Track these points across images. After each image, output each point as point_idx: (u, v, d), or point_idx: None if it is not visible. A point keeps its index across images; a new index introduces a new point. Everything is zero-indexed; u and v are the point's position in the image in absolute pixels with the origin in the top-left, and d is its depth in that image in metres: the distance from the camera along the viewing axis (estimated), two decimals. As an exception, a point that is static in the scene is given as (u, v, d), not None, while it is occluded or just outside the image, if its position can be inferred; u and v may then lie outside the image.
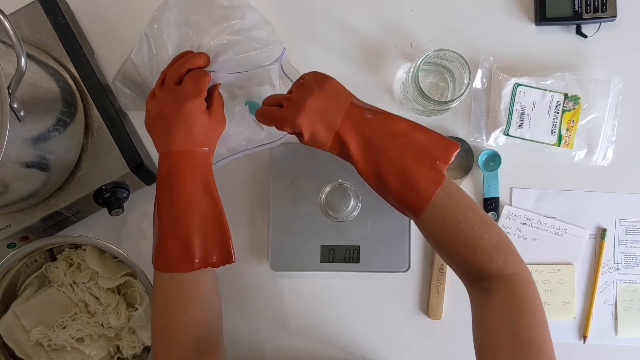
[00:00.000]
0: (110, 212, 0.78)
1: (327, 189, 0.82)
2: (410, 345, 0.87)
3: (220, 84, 0.72)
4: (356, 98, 0.69)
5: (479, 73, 0.86)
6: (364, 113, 0.67)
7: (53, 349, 0.81)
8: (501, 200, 0.87)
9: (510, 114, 0.85)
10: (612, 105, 0.85)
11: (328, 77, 0.68)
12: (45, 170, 0.73)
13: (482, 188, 0.87)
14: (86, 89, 0.79)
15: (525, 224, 0.87)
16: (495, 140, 0.86)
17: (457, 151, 0.66)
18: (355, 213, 0.83)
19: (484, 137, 0.86)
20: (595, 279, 0.87)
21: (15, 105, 0.61)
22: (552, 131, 0.85)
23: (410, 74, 0.79)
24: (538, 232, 0.87)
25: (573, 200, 0.87)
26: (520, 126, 0.85)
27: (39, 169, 0.72)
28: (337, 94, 0.67)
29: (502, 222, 0.87)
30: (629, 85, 0.86)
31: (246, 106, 0.76)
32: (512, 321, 0.62)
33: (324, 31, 0.87)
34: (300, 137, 0.68)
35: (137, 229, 0.87)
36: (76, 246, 0.83)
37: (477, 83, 0.86)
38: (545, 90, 0.85)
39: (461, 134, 0.87)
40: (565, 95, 0.85)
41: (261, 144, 0.78)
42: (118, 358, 0.83)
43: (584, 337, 0.87)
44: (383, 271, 0.85)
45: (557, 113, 0.85)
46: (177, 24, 0.74)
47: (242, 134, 0.76)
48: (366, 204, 0.83)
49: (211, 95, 0.70)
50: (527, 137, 0.85)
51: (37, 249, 0.80)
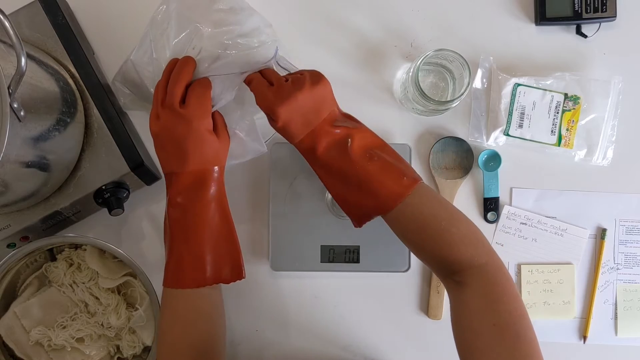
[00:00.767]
0: (110, 212, 0.78)
1: None
2: (410, 345, 0.87)
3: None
4: (339, 107, 0.72)
5: (479, 73, 0.86)
6: (343, 122, 0.70)
7: (53, 349, 0.81)
8: (501, 200, 0.87)
9: (510, 114, 0.85)
10: (612, 105, 0.85)
11: (324, 79, 0.70)
12: (45, 170, 0.73)
13: (482, 188, 0.87)
14: (86, 89, 0.79)
15: (525, 224, 0.87)
16: (495, 140, 0.86)
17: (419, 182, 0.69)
18: None
19: (484, 137, 0.86)
20: (595, 279, 0.87)
21: (15, 105, 0.61)
22: (552, 131, 0.85)
23: (410, 74, 0.79)
24: (538, 232, 0.87)
25: (573, 200, 0.87)
26: (520, 126, 0.85)
27: (39, 169, 0.72)
28: (325, 97, 0.69)
29: (502, 222, 0.87)
30: (629, 85, 0.86)
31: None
32: (488, 311, 0.62)
33: (324, 31, 0.87)
34: (273, 122, 0.69)
35: (137, 229, 0.87)
36: (76, 246, 0.83)
37: (477, 83, 0.86)
38: (545, 90, 0.85)
39: (461, 134, 0.87)
40: (565, 95, 0.85)
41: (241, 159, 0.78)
42: (118, 358, 0.83)
43: (584, 337, 0.87)
44: (383, 271, 0.85)
45: (557, 113, 0.85)
46: (177, 26, 0.73)
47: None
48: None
49: (213, 116, 0.70)
50: (527, 137, 0.85)
51: (37, 249, 0.80)
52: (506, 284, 0.64)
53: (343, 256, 0.84)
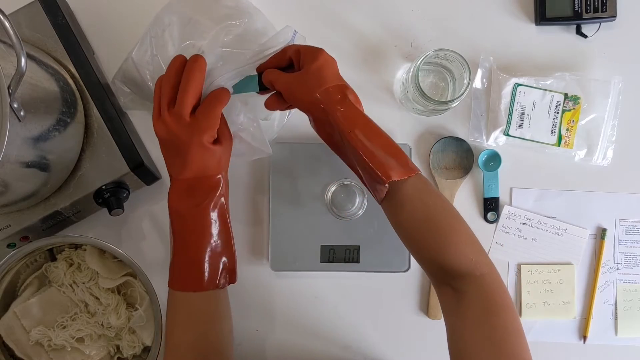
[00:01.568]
0: (110, 212, 0.78)
1: (333, 188, 0.82)
2: (410, 345, 0.87)
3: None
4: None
5: (479, 73, 0.86)
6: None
7: (53, 349, 0.81)
8: (501, 200, 0.87)
9: (510, 114, 0.85)
10: (612, 105, 0.85)
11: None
12: (45, 170, 0.73)
13: (482, 188, 0.87)
14: (86, 89, 0.78)
15: (525, 224, 0.87)
16: (495, 140, 0.86)
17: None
18: (361, 212, 0.83)
19: (484, 137, 0.86)
20: (595, 279, 0.87)
21: (15, 105, 0.61)
22: (552, 131, 0.85)
23: (410, 74, 0.79)
24: (538, 232, 0.87)
25: (573, 200, 0.87)
26: (520, 126, 0.85)
27: (39, 169, 0.72)
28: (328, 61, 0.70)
29: (502, 222, 0.87)
30: (629, 85, 0.86)
31: (233, 92, 0.72)
32: (485, 324, 0.60)
33: (324, 31, 0.87)
34: (310, 63, 0.68)
35: (137, 229, 0.87)
36: (76, 246, 0.83)
37: (477, 83, 0.86)
38: (545, 90, 0.85)
39: (461, 134, 0.87)
40: (565, 95, 0.85)
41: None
42: (118, 358, 0.83)
43: (584, 337, 0.87)
44: (383, 271, 0.85)
45: (557, 113, 0.85)
46: (180, 24, 0.73)
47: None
48: (369, 203, 0.83)
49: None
50: (527, 137, 0.85)
51: (37, 249, 0.80)
52: (505, 298, 0.62)
53: (343, 256, 0.84)
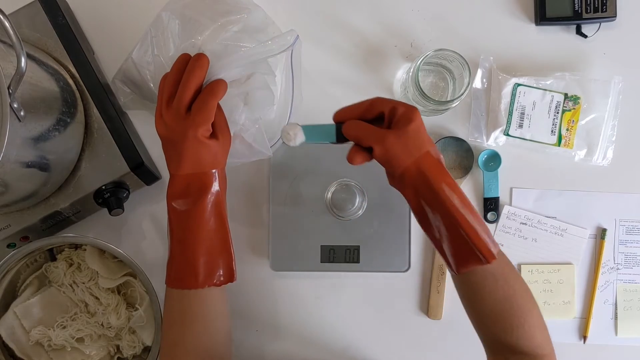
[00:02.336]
0: (110, 212, 0.78)
1: (333, 188, 0.82)
2: (410, 345, 0.87)
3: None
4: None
5: (479, 73, 0.86)
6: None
7: (53, 349, 0.81)
8: (501, 200, 0.87)
9: (510, 114, 0.85)
10: (612, 105, 0.85)
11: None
12: (45, 170, 0.73)
13: (482, 188, 0.87)
14: (86, 89, 0.79)
15: (525, 224, 0.87)
16: (495, 140, 0.86)
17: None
18: (361, 212, 0.83)
19: (484, 137, 0.86)
20: (595, 279, 0.87)
21: (15, 105, 0.61)
22: (552, 131, 0.85)
23: (410, 74, 0.79)
24: (538, 232, 0.87)
25: (573, 200, 0.87)
26: (520, 126, 0.85)
27: (39, 169, 0.72)
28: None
29: (502, 222, 0.87)
30: (629, 85, 0.86)
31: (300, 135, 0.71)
32: None
33: (324, 31, 0.87)
34: (406, 125, 0.66)
35: (137, 229, 0.87)
36: (76, 246, 0.83)
37: (477, 83, 0.86)
38: (545, 90, 0.85)
39: (461, 134, 0.87)
40: (565, 95, 0.85)
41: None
42: (118, 358, 0.83)
43: (584, 337, 0.87)
44: (383, 271, 0.85)
45: (557, 113, 0.85)
46: (180, 23, 0.73)
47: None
48: (369, 203, 0.83)
49: (215, 117, 0.68)
50: (527, 137, 0.85)
51: (37, 249, 0.80)
52: None
53: (343, 256, 0.84)
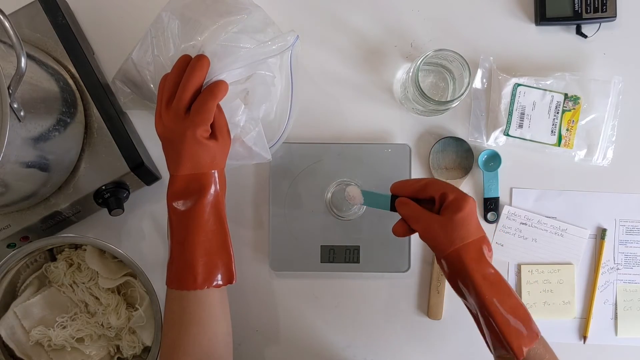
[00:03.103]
0: (110, 212, 0.78)
1: (333, 188, 0.82)
2: (410, 345, 0.87)
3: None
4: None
5: (479, 73, 0.86)
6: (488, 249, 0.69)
7: (53, 349, 0.81)
8: (501, 200, 0.87)
9: (510, 114, 0.85)
10: (612, 105, 0.85)
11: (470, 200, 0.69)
12: (45, 170, 0.73)
13: (482, 188, 0.87)
14: (86, 89, 0.79)
15: (525, 224, 0.87)
16: (495, 140, 0.86)
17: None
18: (361, 212, 0.83)
19: (484, 137, 0.86)
20: (595, 279, 0.87)
21: (15, 105, 0.61)
22: (552, 131, 0.85)
23: (410, 74, 0.79)
24: (538, 232, 0.87)
25: (573, 200, 0.87)
26: (520, 126, 0.85)
27: (39, 169, 0.72)
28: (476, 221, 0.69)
29: (502, 222, 0.87)
30: (629, 85, 0.86)
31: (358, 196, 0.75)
32: None
33: (324, 31, 0.87)
34: (456, 212, 0.67)
35: (137, 229, 0.87)
36: (76, 246, 0.83)
37: (477, 83, 0.86)
38: (545, 90, 0.85)
39: (461, 134, 0.87)
40: (565, 95, 0.85)
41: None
42: (118, 358, 0.83)
43: (584, 337, 0.87)
44: (383, 271, 0.85)
45: (557, 113, 0.85)
46: (180, 23, 0.73)
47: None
48: (366, 204, 0.83)
49: (215, 118, 0.68)
50: (527, 137, 0.85)
51: (37, 249, 0.80)
52: None
53: (343, 256, 0.84)
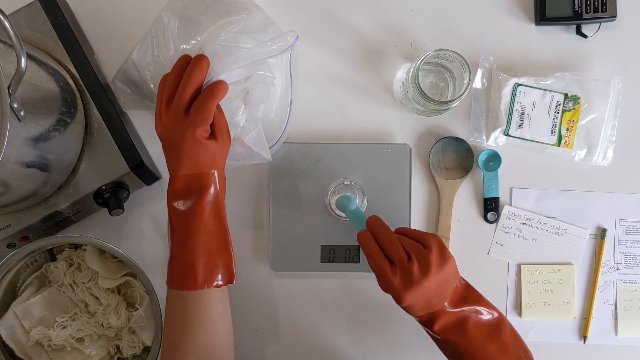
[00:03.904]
0: (110, 212, 0.78)
1: (333, 188, 0.82)
2: (410, 345, 0.87)
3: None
4: (460, 279, 0.69)
5: (479, 73, 0.86)
6: (464, 300, 0.68)
7: (53, 349, 0.81)
8: (501, 200, 0.87)
9: (510, 114, 0.85)
10: (612, 105, 0.85)
11: (450, 257, 0.67)
12: (45, 170, 0.73)
13: (482, 188, 0.87)
14: (86, 89, 0.79)
15: (525, 224, 0.87)
16: (495, 140, 0.86)
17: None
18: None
19: (484, 137, 0.86)
20: (595, 279, 0.87)
21: (15, 105, 0.62)
22: (552, 131, 0.85)
23: (410, 74, 0.79)
24: (538, 232, 0.87)
25: (573, 200, 0.87)
26: (520, 126, 0.85)
27: (39, 169, 0.72)
28: (449, 278, 0.67)
29: (502, 222, 0.87)
30: (629, 85, 0.86)
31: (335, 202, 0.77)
32: None
33: (324, 31, 0.87)
34: (397, 301, 0.68)
35: (137, 229, 0.87)
36: (76, 246, 0.83)
37: (477, 83, 0.86)
38: (545, 90, 0.85)
39: (461, 134, 0.87)
40: (565, 95, 0.85)
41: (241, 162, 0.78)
42: (118, 358, 0.83)
43: (584, 337, 0.87)
44: (383, 271, 0.85)
45: (557, 113, 0.85)
46: (180, 23, 0.73)
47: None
48: (369, 203, 0.83)
49: (215, 118, 0.68)
50: (527, 137, 0.85)
51: (37, 249, 0.80)
52: None
53: (343, 256, 0.84)
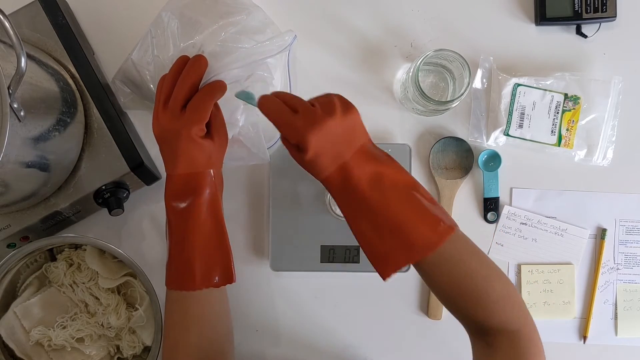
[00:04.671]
0: (110, 212, 0.78)
1: None
2: (410, 345, 0.87)
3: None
4: (370, 140, 0.65)
5: (479, 73, 0.86)
6: (375, 156, 0.64)
7: (53, 349, 0.81)
8: (501, 200, 0.87)
9: (510, 114, 0.85)
10: (612, 105, 0.85)
11: (353, 107, 0.64)
12: (45, 170, 0.73)
13: (482, 188, 0.87)
14: (86, 89, 0.79)
15: (525, 224, 0.87)
16: (495, 140, 0.86)
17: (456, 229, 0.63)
18: None
19: (484, 137, 0.86)
20: (595, 279, 0.87)
21: (15, 105, 0.61)
22: (552, 131, 0.85)
23: (410, 74, 0.79)
24: (538, 232, 0.87)
25: (573, 200, 0.87)
26: (520, 126, 0.85)
27: (39, 169, 0.72)
28: (356, 127, 0.63)
29: (502, 222, 0.87)
30: (629, 85, 0.86)
31: (239, 98, 0.70)
32: None
33: (324, 31, 0.87)
34: (302, 153, 0.62)
35: (137, 229, 0.87)
36: (76, 246, 0.83)
37: (477, 83, 0.86)
38: (545, 90, 0.85)
39: (461, 134, 0.87)
40: (565, 95, 0.85)
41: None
42: (118, 358, 0.83)
43: (584, 337, 0.87)
44: (383, 271, 0.85)
45: (557, 113, 0.85)
46: (180, 23, 0.73)
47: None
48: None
49: (212, 117, 0.68)
50: (527, 137, 0.85)
51: (37, 249, 0.80)
52: (537, 355, 0.62)
53: (343, 256, 0.84)
